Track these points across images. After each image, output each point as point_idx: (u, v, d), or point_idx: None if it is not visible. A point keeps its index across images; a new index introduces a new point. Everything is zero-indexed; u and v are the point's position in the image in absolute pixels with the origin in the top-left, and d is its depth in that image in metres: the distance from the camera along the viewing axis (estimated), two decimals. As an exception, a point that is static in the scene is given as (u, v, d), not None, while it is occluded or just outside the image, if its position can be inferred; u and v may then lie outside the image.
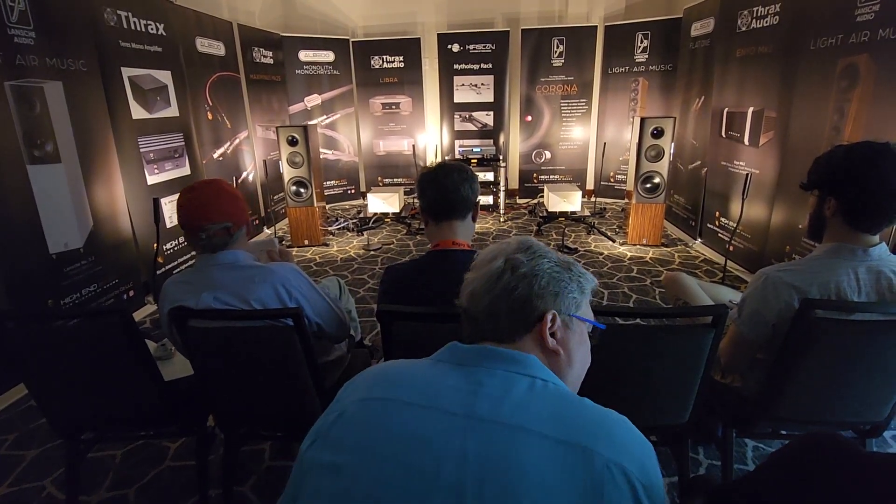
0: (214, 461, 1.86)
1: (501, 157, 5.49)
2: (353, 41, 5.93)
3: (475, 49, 5.79)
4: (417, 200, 1.46)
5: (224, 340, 1.40)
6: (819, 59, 2.87)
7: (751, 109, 3.58)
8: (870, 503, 0.54)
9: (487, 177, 5.35)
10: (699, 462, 1.87)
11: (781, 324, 1.32)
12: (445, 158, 5.97)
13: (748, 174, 3.33)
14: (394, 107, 6.09)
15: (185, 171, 3.82)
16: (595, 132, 5.96)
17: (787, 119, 3.16)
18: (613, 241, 4.52)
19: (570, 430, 0.60)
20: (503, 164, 5.36)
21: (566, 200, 4.99)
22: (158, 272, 3.39)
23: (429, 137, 6.23)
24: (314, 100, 5.89)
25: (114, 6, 3.14)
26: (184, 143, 3.80)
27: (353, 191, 6.40)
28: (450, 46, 5.79)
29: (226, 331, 1.38)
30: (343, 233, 5.03)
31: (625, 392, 1.36)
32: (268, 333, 1.38)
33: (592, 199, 5.77)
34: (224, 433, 1.66)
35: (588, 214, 5.20)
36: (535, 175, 6.11)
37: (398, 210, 5.19)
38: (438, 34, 5.78)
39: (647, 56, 5.40)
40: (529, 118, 5.94)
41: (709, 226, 4.20)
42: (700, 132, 4.42)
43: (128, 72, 3.26)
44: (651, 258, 4.11)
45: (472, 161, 5.46)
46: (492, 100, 5.95)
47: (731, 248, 3.64)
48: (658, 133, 4.07)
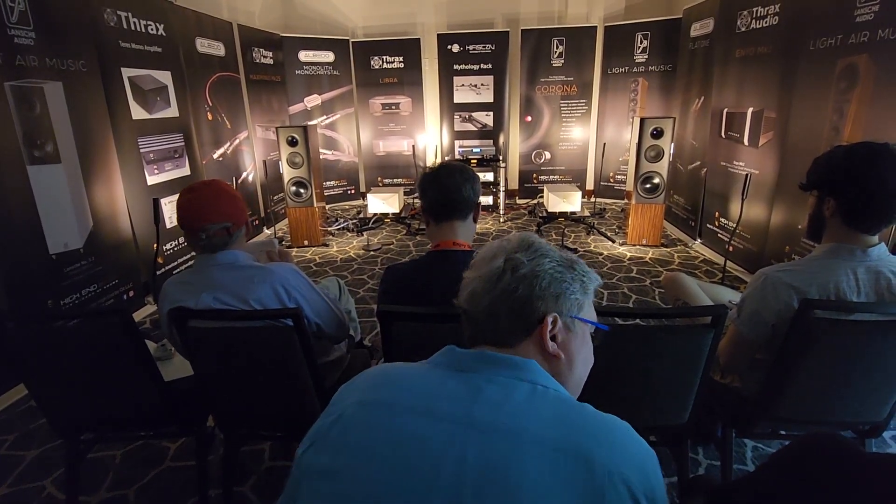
0: (214, 461, 1.87)
1: (501, 158, 5.49)
2: (353, 41, 5.93)
3: (475, 49, 5.79)
4: (417, 201, 1.46)
5: (224, 341, 1.40)
6: (818, 60, 2.88)
7: (750, 110, 3.58)
8: (870, 503, 0.54)
9: (487, 177, 5.35)
10: (699, 462, 1.87)
11: (781, 324, 1.32)
12: (446, 159, 5.97)
13: (748, 174, 3.33)
14: (394, 107, 6.09)
15: (185, 172, 3.82)
16: (595, 132, 5.96)
17: (787, 119, 3.17)
18: (613, 242, 4.52)
19: (571, 438, 0.59)
20: (503, 165, 5.36)
21: (566, 201, 4.99)
22: (158, 272, 3.39)
23: (429, 138, 6.23)
24: (314, 100, 5.89)
25: (114, 6, 3.14)
26: (184, 144, 3.80)
27: (353, 191, 6.40)
28: (449, 47, 5.80)
29: (225, 331, 1.38)
30: (343, 233, 5.03)
31: (624, 392, 1.36)
32: (267, 334, 1.38)
33: (592, 200, 5.77)
34: (224, 433, 1.66)
35: (588, 215, 5.21)
36: (535, 175, 6.11)
37: (398, 210, 5.19)
38: (438, 34, 5.78)
39: (647, 56, 5.41)
40: (529, 118, 5.94)
41: (708, 226, 4.20)
42: (700, 132, 4.42)
43: (128, 72, 3.26)
44: (651, 258, 4.11)
45: (472, 161, 5.46)
46: (491, 100, 5.95)
47: (731, 249, 3.64)
48: (658, 133, 4.07)
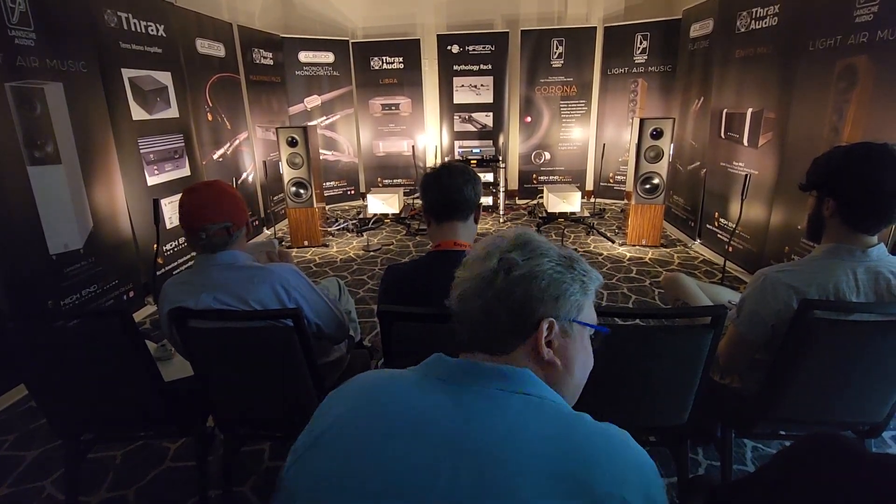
0: (214, 462, 1.87)
1: (501, 158, 5.49)
2: (353, 42, 5.93)
3: (475, 50, 5.80)
4: (417, 201, 1.47)
5: (224, 341, 1.40)
6: (818, 61, 2.88)
7: (750, 110, 3.58)
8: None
9: (487, 178, 5.36)
10: (698, 462, 1.87)
11: (780, 324, 1.32)
12: (446, 159, 5.98)
13: (747, 175, 3.33)
14: (393, 108, 6.09)
15: (185, 172, 3.83)
16: (594, 133, 5.96)
17: (786, 120, 3.17)
18: (613, 242, 4.52)
19: (569, 463, 0.55)
20: (503, 165, 5.36)
21: (565, 201, 4.99)
22: (158, 273, 3.39)
23: (428, 138, 6.23)
24: (314, 101, 5.89)
25: (114, 7, 3.14)
26: (184, 144, 3.81)
27: (353, 192, 6.40)
28: (449, 47, 5.80)
29: (225, 331, 1.38)
30: (343, 234, 5.03)
31: (624, 392, 1.36)
32: (267, 334, 1.38)
33: (592, 200, 5.77)
34: (224, 434, 1.66)
35: (587, 215, 5.21)
36: (535, 176, 6.11)
37: (398, 211, 5.19)
38: (438, 35, 5.79)
39: (647, 57, 5.41)
40: (529, 119, 5.94)
41: (708, 226, 4.20)
42: (699, 133, 4.42)
43: (128, 73, 3.26)
44: (650, 259, 4.11)
45: (472, 162, 5.47)
46: (491, 101, 5.95)
47: (731, 249, 3.65)
48: (657, 134, 4.08)
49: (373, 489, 0.56)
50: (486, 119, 6.02)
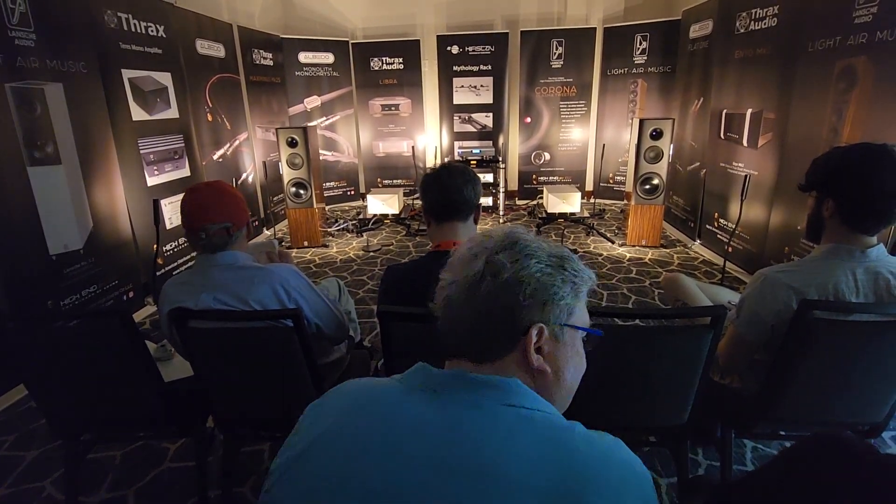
0: (214, 462, 1.87)
1: (501, 159, 5.50)
2: (353, 43, 5.94)
3: (474, 51, 5.80)
4: (417, 202, 1.47)
5: (223, 341, 1.40)
6: (817, 61, 2.88)
7: (749, 111, 3.59)
8: None
9: (487, 178, 5.36)
10: (698, 463, 1.87)
11: (780, 325, 1.32)
12: (446, 160, 5.98)
13: (747, 175, 3.34)
14: (393, 108, 6.10)
15: (185, 173, 3.83)
16: (594, 134, 5.97)
17: (786, 120, 3.17)
18: (613, 243, 4.52)
19: (561, 484, 0.52)
20: (502, 166, 5.37)
21: (565, 202, 5.00)
22: (158, 273, 3.39)
23: (428, 139, 6.24)
24: (314, 101, 5.90)
25: (114, 8, 3.14)
26: (183, 145, 3.81)
27: (353, 192, 6.40)
28: (449, 48, 5.80)
29: (225, 332, 1.38)
30: (342, 234, 5.03)
31: (624, 393, 1.37)
32: (267, 334, 1.38)
33: (592, 201, 5.78)
34: (223, 434, 1.66)
35: (587, 216, 5.21)
36: (535, 176, 6.11)
37: (398, 211, 5.19)
38: (438, 36, 5.79)
39: (646, 58, 5.42)
40: (528, 120, 5.95)
41: (708, 227, 4.20)
42: (699, 134, 4.43)
43: (128, 73, 3.26)
44: (650, 259, 4.11)
45: (472, 162, 5.47)
46: (491, 101, 5.96)
47: (730, 250, 3.65)
48: (657, 134, 4.08)
49: None
50: (486, 120, 6.03)
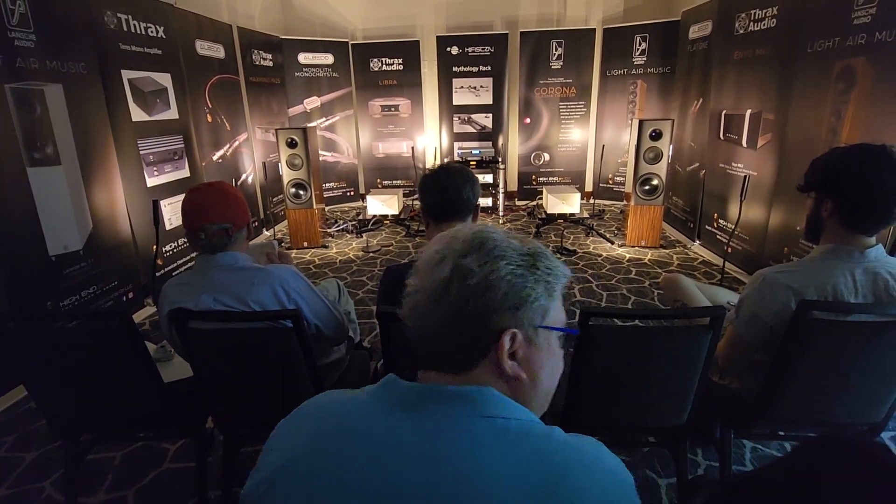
0: (214, 462, 1.87)
1: (500, 159, 5.50)
2: (353, 44, 5.94)
3: (474, 51, 5.81)
4: (417, 202, 1.47)
5: (223, 342, 1.40)
6: (816, 62, 2.89)
7: (749, 112, 3.59)
8: None
9: (486, 179, 5.36)
10: (698, 463, 1.87)
11: (779, 325, 1.32)
12: (446, 160, 5.99)
13: (746, 176, 3.34)
14: (393, 109, 6.10)
15: (185, 174, 3.83)
16: (594, 134, 5.97)
17: (785, 121, 3.18)
18: (612, 243, 4.53)
19: (541, 485, 0.51)
20: (502, 166, 5.37)
21: (565, 202, 5.00)
22: (158, 274, 3.39)
23: (428, 139, 6.24)
24: (313, 102, 5.90)
25: (114, 9, 3.15)
26: (183, 146, 3.81)
27: (353, 193, 6.40)
28: (449, 49, 5.81)
29: (225, 332, 1.38)
30: (342, 235, 5.03)
31: (623, 393, 1.37)
32: (267, 335, 1.38)
33: (591, 201, 5.78)
34: (223, 434, 1.67)
35: (587, 216, 5.22)
36: (534, 177, 6.12)
37: (397, 212, 5.20)
38: (437, 37, 5.80)
39: (646, 58, 5.42)
40: (528, 120, 5.95)
41: (707, 228, 4.21)
42: (698, 134, 4.43)
43: (128, 74, 3.26)
44: (649, 260, 4.11)
45: (472, 163, 5.48)
46: (491, 102, 5.96)
47: (730, 250, 3.65)
48: (656, 135, 4.08)
49: None
50: (486, 120, 6.03)
